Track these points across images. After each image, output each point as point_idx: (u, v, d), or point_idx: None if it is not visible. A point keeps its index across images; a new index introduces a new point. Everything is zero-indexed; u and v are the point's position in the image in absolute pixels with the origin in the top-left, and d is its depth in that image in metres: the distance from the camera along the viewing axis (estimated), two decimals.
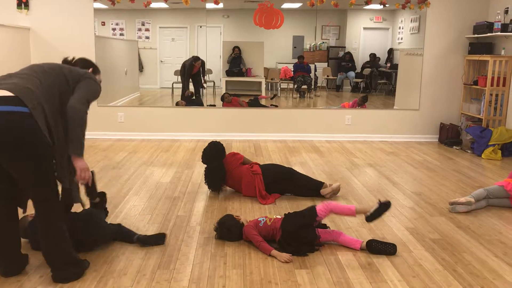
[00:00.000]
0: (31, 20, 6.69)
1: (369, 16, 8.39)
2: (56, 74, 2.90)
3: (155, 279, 2.77)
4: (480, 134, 6.17)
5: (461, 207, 3.93)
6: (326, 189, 4.28)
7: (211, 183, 4.37)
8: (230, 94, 7.54)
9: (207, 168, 4.42)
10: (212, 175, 4.35)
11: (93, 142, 6.63)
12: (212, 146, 4.48)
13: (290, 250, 3.08)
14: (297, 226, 3.17)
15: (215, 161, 4.38)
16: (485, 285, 2.75)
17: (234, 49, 8.09)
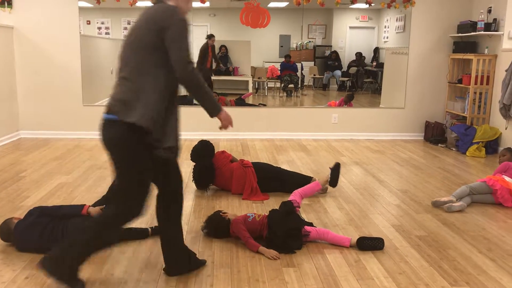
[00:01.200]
0: (15, 19, 6.61)
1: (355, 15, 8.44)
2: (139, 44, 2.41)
3: (143, 279, 2.76)
4: (465, 132, 6.25)
5: (456, 206, 3.96)
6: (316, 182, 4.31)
7: (199, 182, 4.37)
8: (217, 94, 7.52)
9: (195, 167, 4.42)
10: (201, 174, 4.35)
11: (79, 142, 6.58)
12: (202, 144, 4.50)
13: (277, 243, 3.11)
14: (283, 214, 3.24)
15: (204, 160, 4.39)
16: (469, 280, 2.79)
17: (221, 48, 8.08)
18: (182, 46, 2.33)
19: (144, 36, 2.36)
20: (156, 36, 2.33)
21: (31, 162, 5.39)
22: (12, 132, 6.66)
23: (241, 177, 4.26)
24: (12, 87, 6.67)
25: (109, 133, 2.41)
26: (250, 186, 4.22)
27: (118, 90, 2.44)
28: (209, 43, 7.75)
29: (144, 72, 2.37)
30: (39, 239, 2.98)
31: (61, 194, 4.27)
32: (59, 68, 6.75)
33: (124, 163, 2.44)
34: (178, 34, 2.32)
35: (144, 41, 2.36)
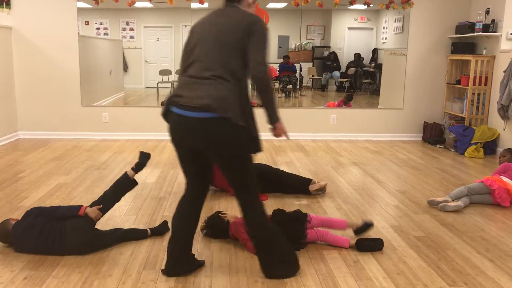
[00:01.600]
0: (13, 19, 6.60)
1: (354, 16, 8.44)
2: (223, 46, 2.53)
3: (141, 279, 2.76)
4: (463, 132, 6.26)
5: (451, 206, 3.97)
6: (313, 185, 4.32)
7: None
8: None
9: None
10: None
11: (77, 142, 6.57)
12: None
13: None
14: (289, 218, 3.22)
15: None
16: (468, 281, 2.79)
17: None
18: (262, 50, 2.49)
19: (234, 37, 2.48)
20: (243, 39, 2.48)
21: (30, 163, 5.39)
22: (11, 132, 6.66)
23: None
24: (11, 88, 6.66)
25: (218, 130, 2.45)
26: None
27: (211, 88, 2.46)
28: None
29: (236, 72, 2.49)
30: (37, 239, 2.97)
31: (59, 194, 4.27)
32: (57, 68, 6.75)
33: (241, 156, 2.60)
34: (262, 40, 2.50)
35: (233, 43, 2.48)
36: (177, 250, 2.77)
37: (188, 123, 2.48)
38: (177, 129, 2.57)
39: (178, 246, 2.76)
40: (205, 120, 2.44)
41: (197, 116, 2.44)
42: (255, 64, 2.46)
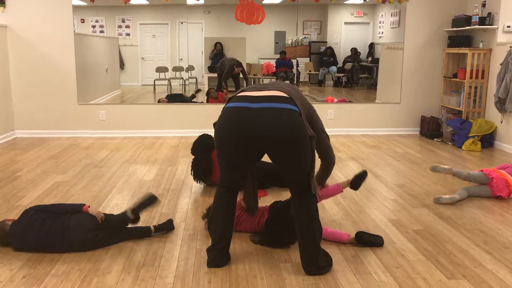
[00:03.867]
0: (8, 18, 6.57)
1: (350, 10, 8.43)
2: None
3: (140, 276, 2.75)
4: (460, 126, 6.26)
5: (445, 199, 3.99)
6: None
7: (196, 175, 4.38)
8: (215, 89, 7.51)
9: (193, 160, 4.44)
10: (197, 167, 4.37)
11: (75, 140, 6.56)
12: (202, 138, 4.53)
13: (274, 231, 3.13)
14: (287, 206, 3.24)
15: (202, 154, 4.40)
16: (466, 273, 2.80)
17: (216, 45, 8.06)
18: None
19: None
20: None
21: (27, 162, 5.37)
22: (8, 131, 6.64)
23: None
24: (7, 87, 6.64)
25: (297, 122, 2.57)
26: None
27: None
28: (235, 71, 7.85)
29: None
30: (37, 234, 2.96)
31: (57, 193, 4.26)
32: (53, 66, 6.72)
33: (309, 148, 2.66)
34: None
35: None
36: (225, 243, 2.87)
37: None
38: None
39: (227, 239, 2.87)
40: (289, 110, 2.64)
41: (283, 106, 2.64)
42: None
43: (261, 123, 2.55)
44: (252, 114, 2.57)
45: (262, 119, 2.55)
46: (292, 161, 2.63)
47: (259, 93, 2.64)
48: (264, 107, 2.57)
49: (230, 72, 7.81)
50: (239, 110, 2.61)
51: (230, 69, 7.79)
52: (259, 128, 2.56)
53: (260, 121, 2.55)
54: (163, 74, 8.18)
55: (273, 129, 2.55)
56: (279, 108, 2.56)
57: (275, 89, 2.66)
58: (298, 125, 2.57)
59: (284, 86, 2.73)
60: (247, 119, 2.58)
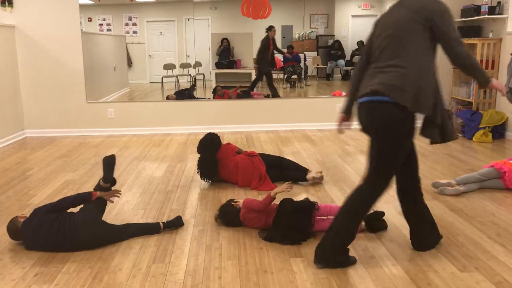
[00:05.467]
0: (16, 18, 6.60)
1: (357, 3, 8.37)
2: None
3: (151, 273, 2.76)
4: (471, 117, 6.20)
5: (449, 190, 3.96)
6: (310, 174, 4.37)
7: (202, 173, 4.39)
8: (222, 87, 7.51)
9: (199, 158, 4.44)
10: (203, 166, 4.38)
11: (84, 139, 6.59)
12: (207, 137, 4.53)
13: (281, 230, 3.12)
14: (296, 207, 3.22)
15: (207, 152, 4.41)
16: (479, 266, 2.77)
17: (222, 41, 8.05)
18: (454, 29, 2.58)
19: (411, 25, 2.55)
20: (424, 24, 2.54)
21: (37, 161, 5.41)
22: (18, 131, 6.69)
23: (247, 168, 4.26)
24: (16, 87, 6.68)
25: (384, 114, 2.56)
26: (258, 174, 4.24)
27: (388, 76, 2.57)
28: (270, 35, 7.70)
29: (416, 59, 2.56)
30: (47, 235, 2.98)
31: (67, 191, 4.29)
32: (61, 65, 6.75)
33: (394, 144, 2.62)
34: (448, 19, 2.57)
35: (411, 30, 2.55)
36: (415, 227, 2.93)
37: (362, 108, 2.69)
38: (358, 116, 2.78)
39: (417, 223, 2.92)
40: (370, 103, 2.60)
41: (366, 100, 2.62)
42: (453, 45, 2.56)
43: (363, 118, 2.74)
44: (359, 109, 2.77)
45: (363, 114, 2.73)
46: (373, 146, 2.74)
47: (364, 87, 2.72)
48: (362, 101, 2.72)
49: (267, 41, 7.74)
50: (357, 106, 2.79)
51: (266, 39, 7.72)
52: (364, 123, 2.77)
53: (363, 116, 2.74)
54: (170, 71, 8.19)
55: (368, 123, 2.75)
56: (369, 102, 2.68)
57: (376, 81, 2.68)
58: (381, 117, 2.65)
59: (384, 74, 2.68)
60: (359, 114, 2.81)
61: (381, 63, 2.63)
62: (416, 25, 2.55)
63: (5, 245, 3.15)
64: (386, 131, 2.59)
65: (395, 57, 2.58)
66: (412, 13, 2.56)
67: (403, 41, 2.57)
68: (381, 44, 2.64)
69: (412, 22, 2.55)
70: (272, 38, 7.71)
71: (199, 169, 4.41)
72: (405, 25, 2.57)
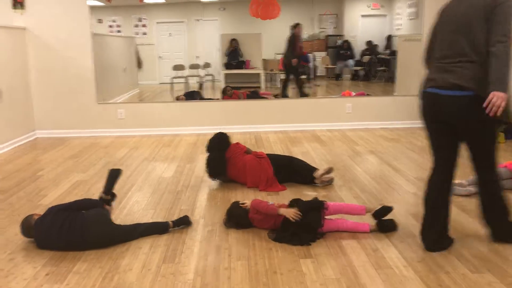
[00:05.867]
0: (27, 20, 6.67)
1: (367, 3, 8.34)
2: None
3: (161, 273, 2.77)
4: None
5: (461, 190, 3.93)
6: (318, 171, 4.31)
7: (210, 172, 4.42)
8: (231, 88, 7.52)
9: (208, 157, 4.47)
10: (211, 164, 4.42)
11: (94, 139, 6.63)
12: (217, 136, 4.56)
13: (290, 232, 3.11)
14: (306, 207, 3.21)
15: (216, 151, 4.43)
16: (491, 268, 2.74)
17: (231, 42, 8.06)
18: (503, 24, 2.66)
19: (474, 20, 2.72)
20: (486, 18, 2.69)
21: (48, 161, 5.46)
22: (29, 132, 6.75)
23: (255, 169, 4.26)
24: (27, 88, 6.74)
25: (475, 109, 2.73)
26: (266, 176, 4.22)
27: (467, 71, 2.76)
28: (295, 33, 7.70)
29: (482, 52, 2.71)
30: (58, 233, 3.01)
31: (78, 191, 4.32)
32: (72, 67, 6.80)
33: (491, 131, 2.92)
34: (503, 14, 2.66)
35: (477, 24, 2.71)
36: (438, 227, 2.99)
37: (442, 100, 2.86)
38: (431, 105, 2.98)
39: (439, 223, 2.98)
40: (455, 97, 2.79)
41: (449, 94, 2.81)
42: (497, 38, 2.65)
43: (444, 109, 2.95)
44: (436, 99, 2.98)
45: (444, 106, 2.94)
46: (471, 140, 3.05)
47: (443, 80, 2.90)
48: (445, 94, 2.89)
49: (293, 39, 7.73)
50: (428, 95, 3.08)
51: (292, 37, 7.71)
52: (443, 113, 2.99)
53: (443, 107, 2.95)
54: (180, 72, 8.22)
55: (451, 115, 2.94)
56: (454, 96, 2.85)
57: (455, 76, 2.84)
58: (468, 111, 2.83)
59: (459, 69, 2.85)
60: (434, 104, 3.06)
61: (452, 58, 2.83)
62: (480, 18, 2.70)
63: (18, 244, 3.18)
64: (481, 124, 2.79)
65: (465, 52, 2.76)
66: (477, 9, 2.72)
67: (471, 37, 2.73)
68: (448, 38, 2.85)
69: (477, 16, 2.71)
70: (298, 35, 7.69)
71: (207, 168, 4.43)
72: (472, 20, 2.73)
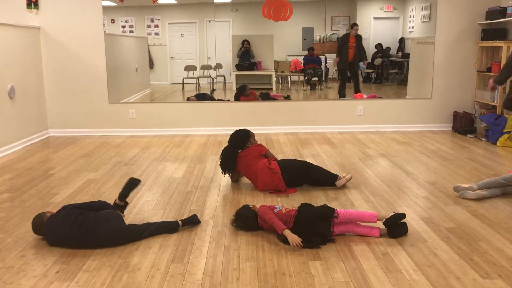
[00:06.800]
0: (41, 20, 6.74)
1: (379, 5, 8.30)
2: None
3: (169, 273, 2.78)
4: (495, 121, 6.08)
5: (470, 193, 3.89)
6: (340, 180, 4.28)
7: (221, 164, 4.48)
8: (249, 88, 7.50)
9: (224, 148, 4.54)
10: (223, 158, 4.46)
11: (106, 139, 6.67)
12: (238, 132, 4.58)
13: (301, 238, 3.08)
14: (315, 215, 3.18)
15: (229, 146, 4.50)
16: (502, 273, 2.71)
17: (243, 43, 8.06)
18: None
19: None
20: None
21: (60, 160, 5.50)
22: (41, 130, 6.81)
23: (267, 180, 4.22)
24: (40, 87, 6.81)
25: None
26: (276, 189, 4.21)
27: None
28: (351, 33, 7.75)
29: None
30: (70, 228, 3.04)
31: (89, 190, 4.35)
32: (84, 67, 6.86)
33: None
34: None
35: None
36: None
37: None
38: None
39: None
40: None
41: None
42: None
43: None
44: None
45: None
46: None
47: None
48: None
49: (346, 38, 7.76)
50: None
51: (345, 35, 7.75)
52: None
53: None
54: (191, 72, 8.24)
55: None
56: None
57: None
58: None
59: None
60: None
61: None
62: None
63: (29, 241, 3.21)
64: None
65: None
66: None
67: None
68: None
69: None
70: (354, 35, 7.68)
71: (220, 160, 4.48)
72: None
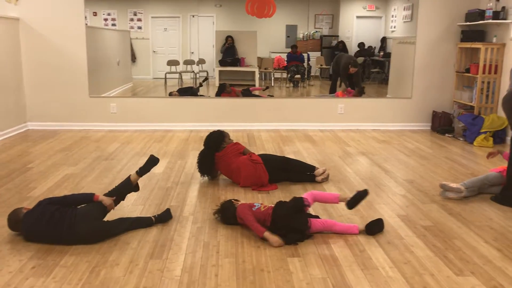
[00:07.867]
0: (20, 11, 6.62)
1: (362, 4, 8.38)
2: None
3: (148, 268, 2.78)
4: (472, 121, 6.20)
5: (451, 193, 3.96)
6: (318, 177, 4.38)
7: (199, 168, 4.46)
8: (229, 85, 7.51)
9: (201, 151, 4.51)
10: (200, 161, 4.45)
11: (86, 133, 6.61)
12: (212, 134, 4.53)
13: (279, 235, 3.10)
14: (289, 211, 3.21)
15: (208, 149, 4.45)
16: (475, 270, 2.78)
17: (227, 39, 8.05)
18: None
19: None
20: None
21: (38, 154, 5.43)
22: (20, 123, 6.71)
23: (250, 174, 4.23)
24: (19, 79, 6.70)
25: None
26: (260, 182, 4.22)
27: None
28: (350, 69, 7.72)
29: None
30: (46, 226, 3.01)
31: (67, 185, 4.30)
32: (65, 59, 6.77)
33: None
34: None
35: None
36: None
37: None
38: None
39: None
40: None
41: None
42: None
43: None
44: None
45: None
46: None
47: None
48: None
49: (346, 70, 7.72)
50: None
51: (346, 67, 7.71)
52: None
53: None
54: (174, 67, 8.21)
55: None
56: None
57: None
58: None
59: None
60: None
61: None
62: None
63: (4, 237, 3.17)
64: None
65: None
66: None
67: None
68: None
69: None
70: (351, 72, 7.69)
71: (198, 163, 4.47)
72: None
